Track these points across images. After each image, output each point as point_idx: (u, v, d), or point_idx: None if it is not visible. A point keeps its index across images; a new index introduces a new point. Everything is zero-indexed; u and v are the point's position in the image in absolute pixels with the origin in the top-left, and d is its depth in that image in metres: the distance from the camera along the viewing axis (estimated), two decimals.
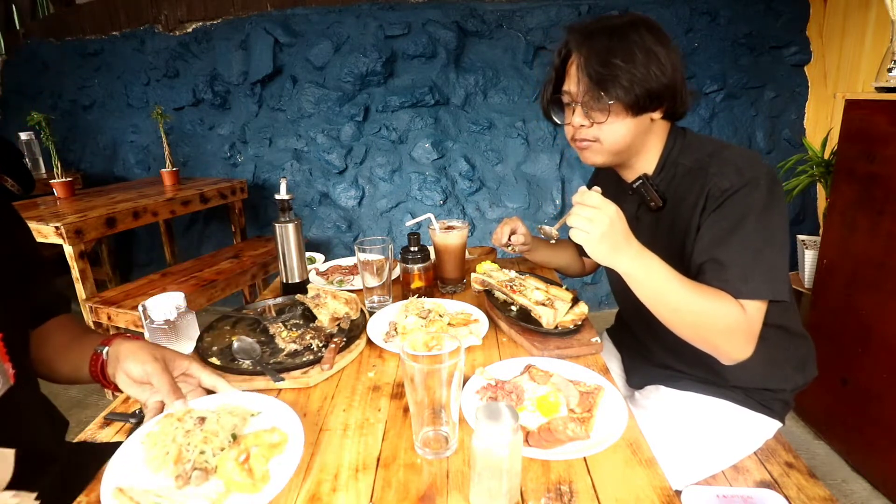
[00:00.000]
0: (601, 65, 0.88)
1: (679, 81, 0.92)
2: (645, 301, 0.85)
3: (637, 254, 0.81)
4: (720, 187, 0.87)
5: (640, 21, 0.92)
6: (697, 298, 0.81)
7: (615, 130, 0.94)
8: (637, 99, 0.89)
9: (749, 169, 0.87)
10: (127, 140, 3.25)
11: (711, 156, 0.92)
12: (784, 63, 2.79)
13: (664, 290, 0.82)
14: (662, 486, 0.64)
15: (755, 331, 0.84)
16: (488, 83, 2.83)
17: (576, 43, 0.93)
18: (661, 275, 0.82)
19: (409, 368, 0.66)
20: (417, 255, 1.22)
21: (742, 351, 0.84)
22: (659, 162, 1.00)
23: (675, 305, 0.82)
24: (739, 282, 0.83)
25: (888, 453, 1.58)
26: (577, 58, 0.93)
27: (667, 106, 0.93)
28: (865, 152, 1.59)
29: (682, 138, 1.00)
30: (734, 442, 1.07)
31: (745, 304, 0.83)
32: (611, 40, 0.89)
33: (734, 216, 0.85)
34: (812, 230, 2.87)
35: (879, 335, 1.58)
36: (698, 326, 0.84)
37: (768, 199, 0.85)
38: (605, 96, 0.90)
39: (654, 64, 0.88)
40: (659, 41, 0.90)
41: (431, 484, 0.65)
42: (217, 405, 0.77)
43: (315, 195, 2.99)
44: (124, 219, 2.20)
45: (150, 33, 3.05)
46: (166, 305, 1.05)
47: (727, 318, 0.82)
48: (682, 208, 0.94)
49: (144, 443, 0.69)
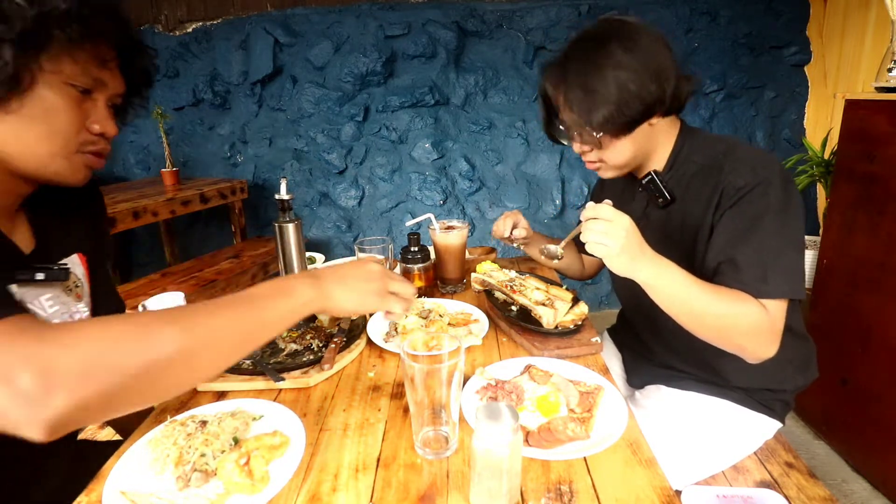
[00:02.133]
0: (580, 104, 0.89)
1: (664, 82, 0.88)
2: (666, 308, 0.84)
3: (654, 262, 0.81)
4: (735, 185, 0.87)
5: (610, 35, 0.88)
6: (718, 302, 0.81)
7: (615, 151, 0.95)
8: (624, 123, 0.90)
9: (763, 168, 0.86)
10: (127, 140, 3.25)
11: (725, 154, 0.91)
12: (784, 63, 2.78)
13: (684, 296, 0.82)
14: (662, 485, 0.64)
15: (779, 329, 0.84)
16: (488, 83, 2.83)
17: (552, 85, 0.94)
18: (680, 281, 0.81)
19: (409, 368, 0.66)
20: (417, 255, 1.22)
21: (767, 349, 0.84)
22: (669, 158, 0.99)
23: (696, 311, 0.82)
24: (759, 282, 0.83)
25: (888, 453, 1.58)
26: (555, 99, 0.94)
27: (659, 110, 0.92)
28: (865, 152, 1.59)
29: (694, 136, 0.99)
30: (734, 442, 1.07)
31: (766, 303, 0.83)
32: (585, 75, 0.88)
33: (750, 215, 0.85)
34: (812, 230, 2.87)
35: (879, 335, 1.58)
36: (721, 329, 0.83)
37: (784, 197, 0.85)
38: (592, 130, 0.91)
39: (633, 83, 0.86)
40: (631, 51, 0.86)
41: (431, 484, 0.65)
42: (218, 410, 0.77)
43: (315, 195, 2.99)
44: (124, 219, 2.20)
45: (150, 33, 3.05)
46: (166, 305, 1.05)
47: (749, 319, 0.81)
48: (695, 205, 0.93)
49: (147, 446, 0.70)
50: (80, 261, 0.80)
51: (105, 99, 0.69)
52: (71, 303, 0.76)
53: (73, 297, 0.77)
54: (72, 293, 0.77)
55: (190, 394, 0.88)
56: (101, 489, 0.64)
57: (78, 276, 0.79)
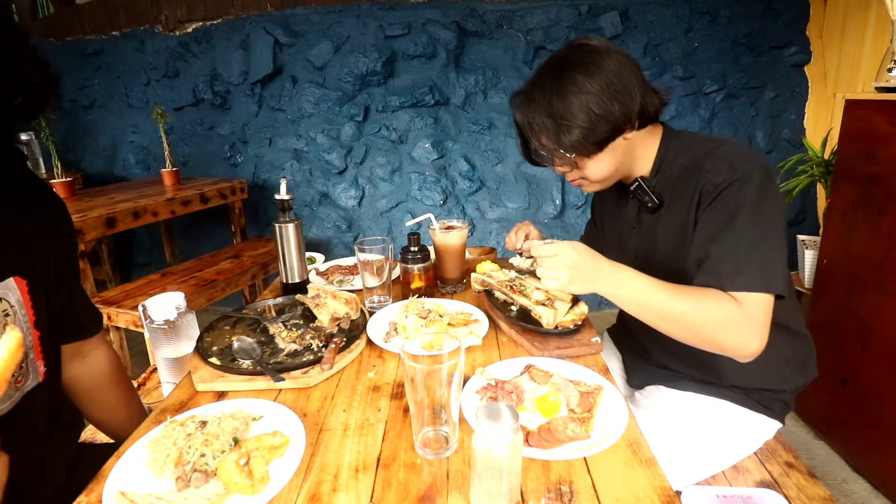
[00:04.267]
0: (548, 130, 0.92)
1: (627, 101, 0.90)
2: (635, 315, 0.86)
3: (612, 275, 0.84)
4: (713, 182, 0.88)
5: (572, 61, 0.92)
6: (684, 301, 0.82)
7: (594, 167, 0.97)
8: (595, 143, 0.92)
9: (742, 164, 0.87)
10: (127, 140, 3.25)
11: (707, 153, 0.93)
12: (784, 63, 2.78)
13: (647, 301, 0.84)
14: (662, 486, 0.64)
15: (758, 322, 0.82)
16: (488, 83, 2.83)
17: (520, 113, 0.97)
18: (640, 287, 0.83)
19: (409, 368, 0.66)
20: (417, 255, 1.22)
21: (748, 344, 0.82)
22: (654, 164, 1.01)
23: (665, 313, 0.83)
24: (733, 274, 0.82)
25: (888, 453, 1.58)
26: (525, 126, 0.97)
27: (630, 126, 0.93)
28: (865, 152, 1.59)
29: (678, 138, 1.00)
30: (734, 442, 1.07)
31: (740, 296, 0.82)
32: (550, 103, 0.91)
33: (727, 210, 0.86)
34: (812, 230, 2.87)
35: (879, 335, 1.58)
36: (694, 328, 0.83)
37: (762, 193, 0.85)
38: (565, 153, 0.94)
39: (596, 106, 0.88)
40: (593, 75, 0.89)
41: (431, 484, 0.65)
42: (218, 410, 0.77)
43: (315, 195, 2.99)
44: (124, 219, 2.20)
45: (150, 33, 3.05)
46: (166, 305, 1.05)
47: (719, 313, 0.81)
48: (680, 206, 0.95)
49: (147, 447, 0.70)
50: (16, 285, 0.72)
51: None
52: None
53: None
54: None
55: (190, 394, 0.88)
56: (100, 489, 0.64)
57: (11, 302, 0.71)
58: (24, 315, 0.74)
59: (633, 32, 2.74)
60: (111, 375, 0.97)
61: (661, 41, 2.75)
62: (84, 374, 0.93)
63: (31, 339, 0.76)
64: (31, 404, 0.75)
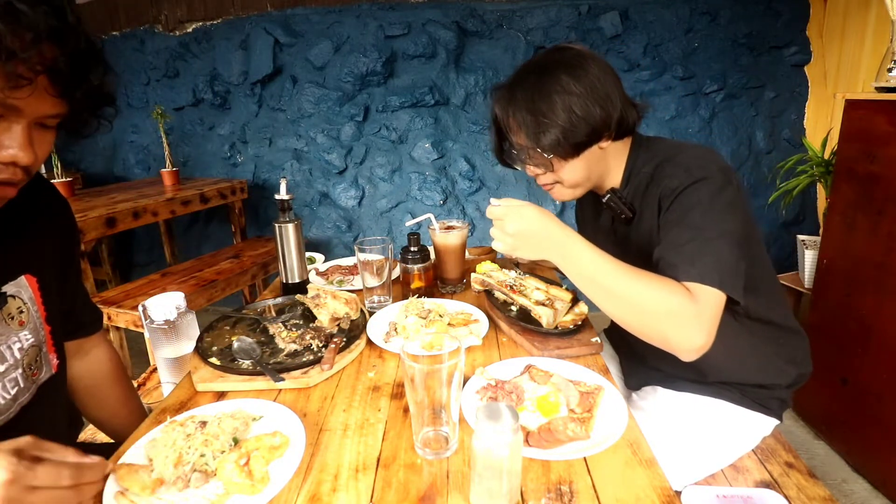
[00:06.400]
0: (528, 127, 0.92)
1: (609, 107, 0.91)
2: (581, 288, 0.83)
3: (561, 243, 0.82)
4: (669, 187, 0.88)
5: (558, 62, 0.92)
6: (633, 282, 0.78)
7: (568, 171, 0.97)
8: (573, 145, 0.92)
9: (698, 168, 0.87)
10: (127, 140, 3.25)
11: (667, 160, 0.93)
12: (784, 63, 2.78)
13: (593, 275, 0.79)
14: (662, 486, 0.64)
15: (707, 318, 0.76)
16: (488, 83, 2.82)
17: (501, 108, 0.97)
18: (590, 259, 0.80)
19: (409, 368, 0.66)
20: (417, 255, 1.22)
21: (693, 339, 0.75)
22: (624, 175, 1.02)
23: (610, 291, 0.79)
24: (687, 264, 0.79)
25: (888, 453, 1.58)
26: (505, 122, 0.97)
27: (606, 134, 0.94)
28: (865, 152, 1.59)
29: (645, 147, 1.01)
30: (733, 441, 1.07)
31: (693, 287, 0.77)
32: (533, 100, 0.91)
33: (681, 209, 0.86)
34: (812, 230, 2.87)
35: (879, 335, 1.58)
36: (640, 313, 0.78)
37: (718, 194, 0.84)
38: (542, 153, 0.94)
39: (579, 108, 0.89)
40: (578, 78, 0.90)
41: (431, 484, 0.65)
42: (218, 410, 0.77)
43: (315, 195, 2.99)
44: (124, 219, 2.20)
45: (150, 33, 3.05)
46: (166, 305, 1.05)
47: (670, 301, 0.75)
48: (649, 214, 0.95)
49: (147, 448, 0.70)
50: (28, 283, 0.75)
51: (27, 122, 0.59)
52: (10, 332, 0.73)
53: (14, 324, 0.73)
54: (14, 320, 0.73)
55: (190, 394, 0.88)
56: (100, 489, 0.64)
57: (24, 300, 0.74)
58: (36, 311, 0.77)
59: (633, 32, 2.74)
60: (111, 374, 0.98)
61: (661, 41, 2.75)
62: (84, 372, 0.94)
63: (44, 333, 0.79)
64: (46, 396, 0.79)
